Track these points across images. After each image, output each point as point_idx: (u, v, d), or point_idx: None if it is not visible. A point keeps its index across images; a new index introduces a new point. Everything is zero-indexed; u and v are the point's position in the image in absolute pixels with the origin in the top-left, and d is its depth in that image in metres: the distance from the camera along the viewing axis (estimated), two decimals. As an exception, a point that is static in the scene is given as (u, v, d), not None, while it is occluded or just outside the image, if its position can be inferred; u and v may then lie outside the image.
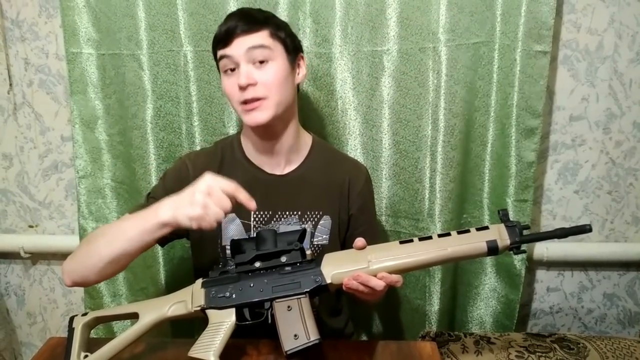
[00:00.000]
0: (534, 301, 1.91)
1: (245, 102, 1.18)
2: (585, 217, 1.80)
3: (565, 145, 1.74)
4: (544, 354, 1.44)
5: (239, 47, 1.17)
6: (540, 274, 1.88)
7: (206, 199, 1.00)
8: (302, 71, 1.29)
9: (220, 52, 1.20)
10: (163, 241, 1.24)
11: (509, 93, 1.56)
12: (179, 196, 1.04)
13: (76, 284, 1.15)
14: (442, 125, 1.56)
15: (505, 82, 1.56)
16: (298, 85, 1.30)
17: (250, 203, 1.03)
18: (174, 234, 1.21)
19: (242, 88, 1.17)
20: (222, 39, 1.19)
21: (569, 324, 1.93)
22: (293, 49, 1.25)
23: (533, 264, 1.84)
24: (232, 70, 1.19)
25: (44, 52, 1.74)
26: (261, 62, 1.18)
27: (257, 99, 1.17)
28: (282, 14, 1.52)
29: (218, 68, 1.26)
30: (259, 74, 1.18)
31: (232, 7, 1.51)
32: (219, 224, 1.23)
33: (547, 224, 1.82)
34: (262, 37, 1.18)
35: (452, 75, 1.53)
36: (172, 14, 1.54)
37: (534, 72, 1.53)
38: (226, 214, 1.01)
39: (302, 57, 1.29)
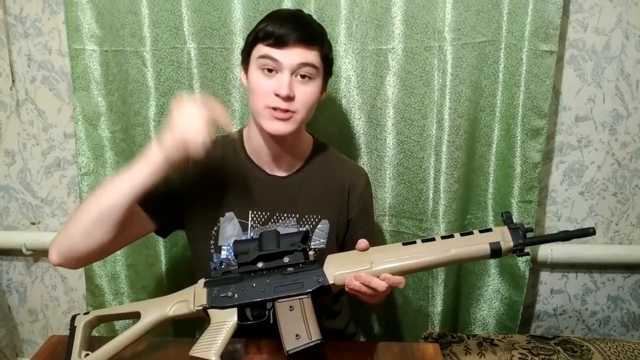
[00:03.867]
0: (537, 303, 1.90)
1: (274, 109, 1.15)
2: (590, 218, 1.79)
3: (571, 146, 1.73)
4: (547, 357, 1.43)
5: (293, 57, 1.14)
6: (544, 275, 1.87)
7: (185, 120, 1.02)
8: (325, 93, 1.28)
9: (266, 50, 1.15)
10: (164, 230, 1.24)
11: (515, 93, 1.55)
12: (166, 136, 1.04)
13: (63, 258, 1.08)
14: (447, 125, 1.55)
15: (511, 81, 1.55)
16: None
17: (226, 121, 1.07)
18: (165, 212, 1.20)
19: (280, 97, 1.13)
20: (275, 39, 1.13)
21: (573, 326, 1.92)
22: (330, 73, 1.26)
23: (537, 266, 1.83)
24: (270, 71, 1.15)
25: (47, 48, 1.73)
26: (303, 77, 1.16)
27: (287, 111, 1.16)
28: (287, 12, 1.51)
29: (246, 55, 1.21)
30: (298, 88, 1.16)
31: (236, 5, 1.51)
32: (215, 221, 1.25)
33: (552, 225, 1.81)
34: (315, 55, 1.16)
35: (458, 75, 1.52)
36: (175, 10, 1.53)
37: (540, 71, 1.52)
38: (208, 130, 1.02)
39: (329, 80, 1.28)
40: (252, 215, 1.27)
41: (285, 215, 1.28)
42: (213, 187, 1.27)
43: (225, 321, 1.01)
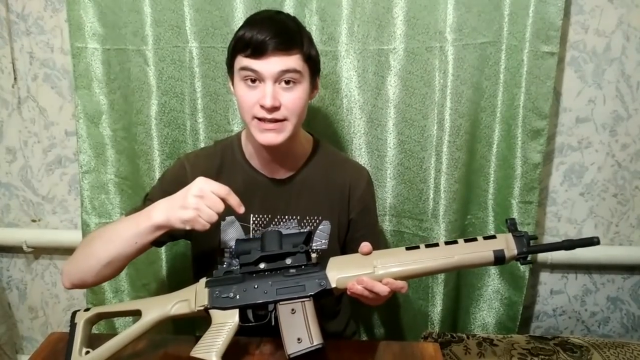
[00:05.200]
0: (537, 303, 1.90)
1: (261, 120, 1.14)
2: (590, 219, 1.80)
3: (572, 147, 1.73)
4: (547, 357, 1.44)
5: (272, 66, 1.11)
6: (544, 276, 1.87)
7: (199, 202, 1.01)
8: (317, 89, 1.26)
9: (246, 62, 1.12)
10: (159, 243, 1.23)
11: (516, 94, 1.55)
12: (171, 199, 1.05)
13: (74, 286, 1.15)
14: (447, 125, 1.55)
15: (512, 82, 1.55)
16: None
17: (239, 208, 1.05)
18: (169, 236, 1.21)
19: (265, 108, 1.12)
20: (253, 49, 1.10)
21: (572, 327, 1.92)
22: (317, 70, 1.22)
23: (537, 266, 1.83)
24: (253, 81, 1.13)
25: (49, 46, 1.73)
26: (287, 82, 1.13)
27: (276, 121, 1.14)
28: (289, 12, 1.50)
29: (229, 67, 1.20)
30: (284, 95, 1.13)
31: (238, 4, 1.51)
32: (217, 225, 1.25)
33: (552, 226, 1.81)
34: (296, 59, 1.13)
35: (459, 75, 1.53)
36: (178, 9, 1.53)
37: (541, 73, 1.52)
38: (219, 216, 1.03)
39: (318, 77, 1.26)
40: (254, 219, 1.27)
41: (286, 217, 1.28)
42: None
43: (226, 322, 1.01)
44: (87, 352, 1.04)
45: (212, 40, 1.54)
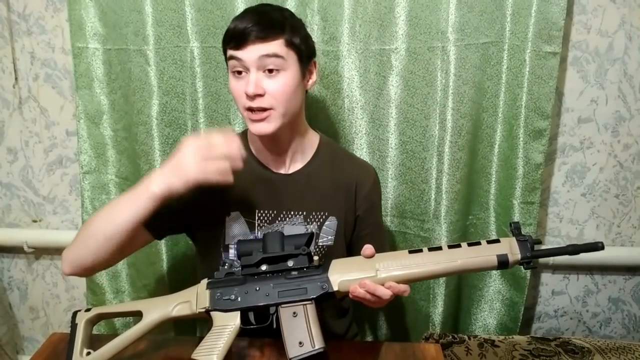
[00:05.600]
0: (538, 304, 1.90)
1: (250, 110, 1.15)
2: (592, 220, 1.79)
3: (574, 148, 1.73)
4: (548, 358, 1.44)
5: (252, 53, 1.12)
6: (546, 277, 1.87)
7: (197, 156, 1.04)
8: (313, 77, 1.25)
9: (230, 52, 1.15)
10: (159, 235, 1.24)
11: (518, 94, 1.54)
12: (166, 164, 1.07)
13: (74, 270, 1.13)
14: (449, 125, 1.55)
15: (514, 82, 1.54)
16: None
17: (237, 161, 1.07)
18: (170, 229, 1.23)
19: (249, 96, 1.13)
20: (235, 40, 1.13)
21: (574, 328, 1.92)
22: (307, 56, 1.20)
23: (538, 267, 1.83)
24: (240, 73, 1.15)
25: (50, 46, 1.73)
26: (270, 71, 1.13)
27: (264, 110, 1.14)
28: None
29: (227, 62, 1.21)
30: (268, 83, 1.13)
31: (240, 4, 1.50)
32: (222, 221, 1.25)
33: (554, 226, 1.81)
34: (277, 45, 1.13)
35: (461, 75, 1.52)
36: (179, 9, 1.53)
37: (543, 73, 1.52)
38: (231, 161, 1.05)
39: (315, 63, 1.25)
40: (259, 214, 1.27)
41: (292, 212, 1.28)
42: (218, 187, 1.26)
43: (227, 324, 1.00)
44: (88, 353, 1.04)
45: (214, 40, 1.54)
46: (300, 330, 0.96)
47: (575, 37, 1.64)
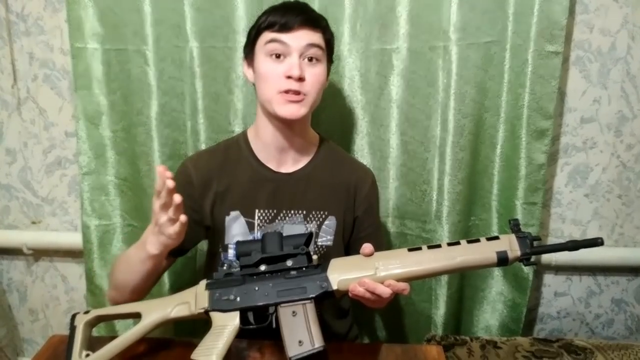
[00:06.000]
0: (541, 305, 1.89)
1: (287, 92, 1.17)
2: (595, 221, 1.78)
3: (576, 148, 1.72)
4: (551, 359, 1.43)
5: (300, 38, 1.17)
6: (548, 278, 1.86)
7: (156, 221, 1.04)
8: (327, 80, 1.30)
9: (273, 35, 1.17)
10: (182, 253, 1.29)
11: (520, 94, 1.54)
12: (151, 228, 1.08)
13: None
14: (451, 125, 1.54)
15: (516, 82, 1.54)
16: None
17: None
18: (191, 243, 1.28)
19: (292, 78, 1.16)
20: (281, 24, 1.17)
21: (576, 329, 1.91)
22: (331, 57, 1.28)
23: (541, 268, 1.82)
24: (278, 56, 1.18)
25: (48, 46, 1.72)
26: (310, 59, 1.19)
27: (299, 93, 1.18)
28: (291, 11, 1.50)
29: (249, 51, 1.24)
30: (308, 70, 1.18)
31: (239, 4, 1.50)
32: (222, 221, 1.27)
33: (556, 227, 1.80)
34: (320, 37, 1.21)
35: (462, 75, 1.52)
36: (178, 9, 1.52)
37: (546, 72, 1.51)
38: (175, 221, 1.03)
39: (330, 67, 1.30)
40: (259, 214, 1.27)
41: (292, 212, 1.28)
42: (218, 190, 1.27)
43: (227, 325, 1.00)
44: (87, 355, 1.03)
45: (213, 40, 1.53)
46: (300, 329, 0.96)
47: (578, 36, 1.63)
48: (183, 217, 1.02)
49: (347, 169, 1.34)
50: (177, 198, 0.99)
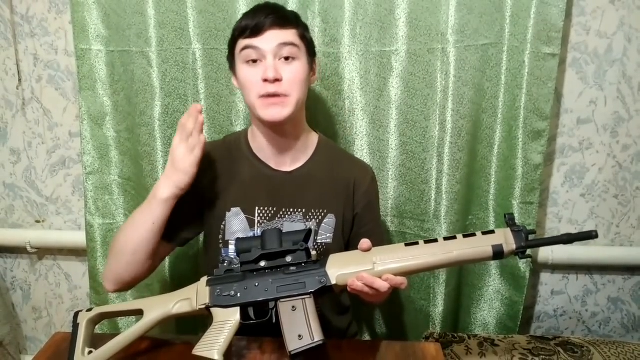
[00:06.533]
0: (538, 304, 1.91)
1: (266, 96, 1.18)
2: (591, 220, 1.80)
3: (573, 148, 1.74)
4: (547, 357, 1.44)
5: (270, 40, 1.18)
6: (545, 276, 1.87)
7: (182, 146, 1.14)
8: (315, 74, 1.32)
9: (246, 42, 1.19)
10: (179, 241, 1.31)
11: (517, 95, 1.55)
12: (167, 169, 1.16)
13: (116, 286, 1.23)
14: (449, 126, 1.56)
15: (514, 84, 1.55)
16: None
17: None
18: (187, 232, 1.30)
19: (268, 81, 1.17)
20: (251, 29, 1.18)
21: (573, 328, 1.92)
22: (312, 52, 1.28)
23: (538, 267, 1.84)
24: (254, 62, 1.19)
25: (53, 48, 1.74)
26: (286, 59, 1.19)
27: (279, 95, 1.18)
28: (291, 13, 1.52)
29: (231, 61, 1.26)
30: (285, 70, 1.19)
31: (242, 6, 1.52)
32: (222, 217, 1.29)
33: (553, 227, 1.81)
34: (293, 34, 1.21)
35: (460, 77, 1.53)
36: (181, 11, 1.54)
37: (543, 74, 1.53)
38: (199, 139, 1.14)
39: (315, 62, 1.31)
40: (259, 211, 1.28)
41: (291, 210, 1.29)
42: (219, 183, 1.29)
43: (228, 320, 1.01)
44: (90, 352, 1.04)
45: (215, 42, 1.55)
46: (300, 323, 0.97)
47: (575, 38, 1.64)
48: (202, 137, 1.14)
49: (346, 167, 1.35)
50: (200, 117, 1.13)
